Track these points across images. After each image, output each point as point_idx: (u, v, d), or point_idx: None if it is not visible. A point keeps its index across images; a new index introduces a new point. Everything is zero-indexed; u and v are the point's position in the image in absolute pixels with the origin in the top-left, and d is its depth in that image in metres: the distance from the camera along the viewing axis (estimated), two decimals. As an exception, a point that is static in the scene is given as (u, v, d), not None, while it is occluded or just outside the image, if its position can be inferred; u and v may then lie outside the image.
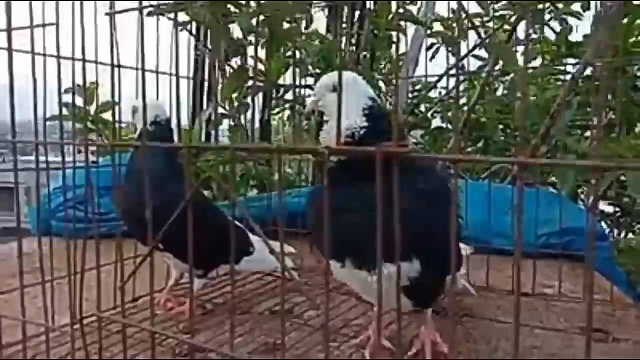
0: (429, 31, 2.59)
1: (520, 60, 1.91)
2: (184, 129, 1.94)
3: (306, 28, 2.12)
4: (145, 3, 0.84)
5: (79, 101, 1.50)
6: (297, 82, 2.25)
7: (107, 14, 0.76)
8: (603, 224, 2.51)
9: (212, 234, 0.99)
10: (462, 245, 1.29)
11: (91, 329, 1.05)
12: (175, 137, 1.23)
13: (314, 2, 2.30)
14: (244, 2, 1.80)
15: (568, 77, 2.00)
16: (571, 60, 2.08)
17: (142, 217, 0.74)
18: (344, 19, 2.54)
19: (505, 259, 1.51)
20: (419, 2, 2.71)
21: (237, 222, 1.35)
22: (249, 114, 2.06)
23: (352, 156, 0.83)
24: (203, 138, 2.06)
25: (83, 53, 0.86)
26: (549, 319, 1.27)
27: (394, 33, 2.39)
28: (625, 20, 1.82)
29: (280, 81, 2.19)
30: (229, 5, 1.75)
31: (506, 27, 2.41)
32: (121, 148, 1.19)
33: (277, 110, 2.64)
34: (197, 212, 0.69)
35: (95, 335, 0.93)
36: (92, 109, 1.79)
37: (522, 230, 0.51)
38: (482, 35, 2.43)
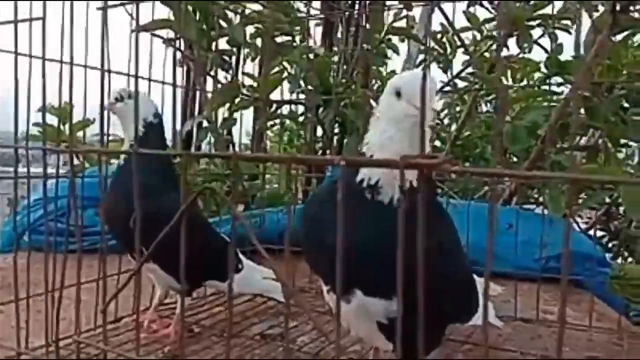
0: (421, 47, 2.56)
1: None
2: None
3: (302, 42, 2.08)
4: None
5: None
6: (289, 98, 2.21)
7: (99, 8, 0.70)
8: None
9: (200, 247, 0.92)
10: (491, 285, 1.24)
11: (68, 352, 0.97)
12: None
13: (308, 16, 2.27)
14: (232, 15, 1.74)
15: (555, 97, 1.98)
16: (558, 80, 2.05)
17: (130, 226, 0.68)
18: (340, 35, 2.52)
19: (506, 283, 1.46)
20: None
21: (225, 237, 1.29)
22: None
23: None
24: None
25: (71, 56, 0.80)
26: (554, 347, 1.21)
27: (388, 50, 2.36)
28: (618, 38, 1.80)
29: (273, 96, 2.14)
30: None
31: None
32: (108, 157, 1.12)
33: (269, 124, 2.58)
34: (188, 224, 0.64)
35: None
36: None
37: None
38: (471, 53, 2.41)
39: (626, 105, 2.04)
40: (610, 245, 2.69)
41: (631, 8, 1.65)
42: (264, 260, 0.71)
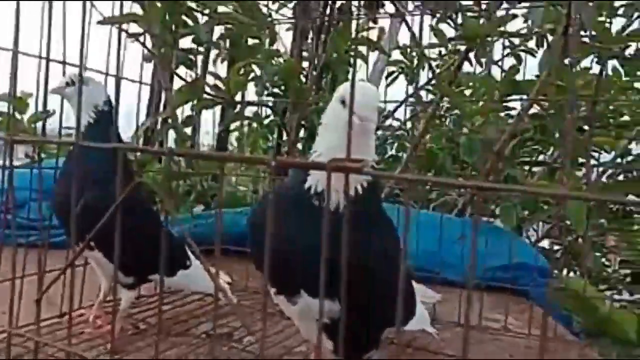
0: (389, 59, 2.61)
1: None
2: None
3: (270, 45, 2.09)
4: None
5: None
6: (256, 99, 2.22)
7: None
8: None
9: (147, 237, 0.92)
10: (430, 292, 1.29)
11: (4, 345, 0.96)
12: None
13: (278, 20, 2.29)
14: (199, 14, 1.73)
15: (512, 113, 2.05)
16: (515, 98, 2.11)
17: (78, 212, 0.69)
18: (310, 41, 2.54)
19: (453, 290, 1.50)
20: (378, 29, 2.74)
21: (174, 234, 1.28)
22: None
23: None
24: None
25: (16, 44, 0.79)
26: (495, 353, 1.25)
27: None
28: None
29: (239, 97, 2.14)
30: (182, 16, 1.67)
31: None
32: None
33: (234, 126, 2.58)
34: (134, 211, 0.65)
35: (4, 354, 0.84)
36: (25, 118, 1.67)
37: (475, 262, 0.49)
38: (435, 68, 2.47)
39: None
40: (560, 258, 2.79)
41: (582, 32, 1.73)
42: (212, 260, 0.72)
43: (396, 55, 2.82)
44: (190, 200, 1.99)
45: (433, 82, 2.46)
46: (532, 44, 2.05)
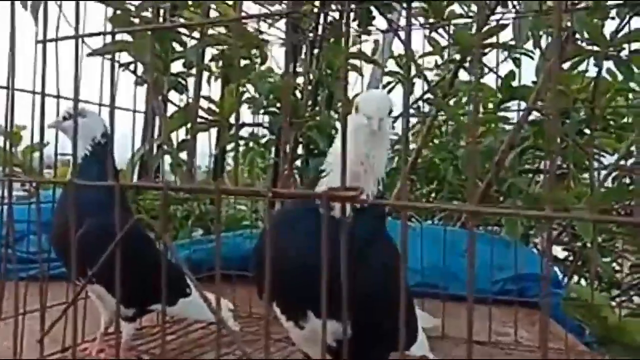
0: (385, 69, 2.61)
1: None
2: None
3: (261, 64, 2.09)
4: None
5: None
6: (252, 120, 2.21)
7: (38, 42, 0.70)
8: (557, 269, 2.52)
9: (146, 268, 0.91)
10: (428, 317, 1.28)
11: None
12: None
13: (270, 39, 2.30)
14: (188, 38, 1.74)
15: (512, 121, 2.04)
16: (514, 106, 2.10)
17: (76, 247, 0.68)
18: (304, 57, 2.54)
19: (461, 305, 1.47)
20: (373, 41, 2.74)
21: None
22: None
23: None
24: (136, 177, 1.93)
25: (11, 81, 0.79)
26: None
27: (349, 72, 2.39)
28: (567, 66, 1.87)
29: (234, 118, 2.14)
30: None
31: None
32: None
33: (230, 147, 2.57)
34: (132, 242, 0.64)
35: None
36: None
37: (473, 276, 0.47)
38: (430, 79, 2.46)
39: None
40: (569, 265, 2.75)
41: (577, 36, 1.73)
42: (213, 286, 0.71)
43: (392, 66, 2.83)
44: (189, 225, 1.97)
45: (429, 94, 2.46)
46: (529, 45, 2.04)
